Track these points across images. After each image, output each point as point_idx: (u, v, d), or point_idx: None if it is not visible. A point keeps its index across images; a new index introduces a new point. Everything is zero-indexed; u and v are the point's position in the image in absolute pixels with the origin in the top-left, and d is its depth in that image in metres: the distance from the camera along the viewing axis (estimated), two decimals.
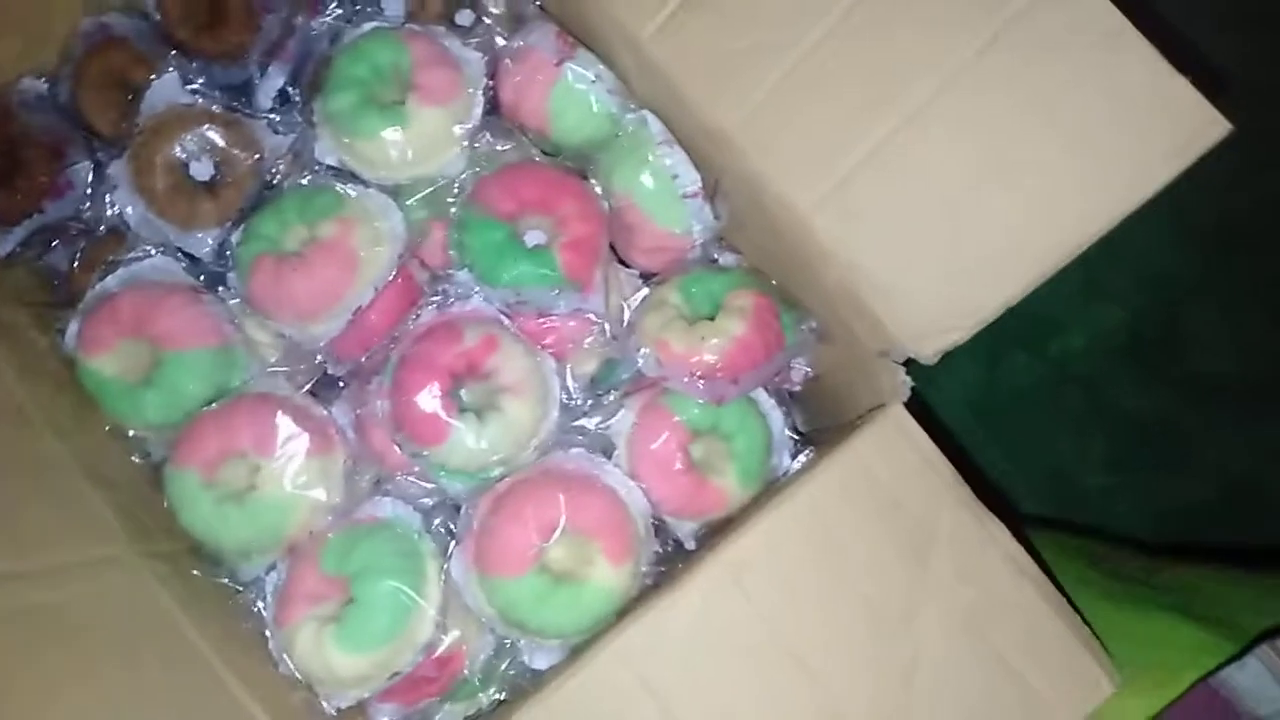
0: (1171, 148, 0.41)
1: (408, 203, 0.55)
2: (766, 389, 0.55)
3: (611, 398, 0.54)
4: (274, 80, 0.58)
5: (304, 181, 0.56)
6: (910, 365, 0.47)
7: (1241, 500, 1.00)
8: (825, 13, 0.46)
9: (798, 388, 0.58)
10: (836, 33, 0.46)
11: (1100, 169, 0.43)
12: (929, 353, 0.46)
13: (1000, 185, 0.44)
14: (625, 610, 0.48)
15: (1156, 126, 0.42)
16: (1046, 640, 0.44)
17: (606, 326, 0.54)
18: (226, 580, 0.51)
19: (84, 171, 0.57)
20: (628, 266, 0.58)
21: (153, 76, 0.54)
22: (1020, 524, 0.46)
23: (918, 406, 0.46)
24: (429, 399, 0.49)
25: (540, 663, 0.50)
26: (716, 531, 0.52)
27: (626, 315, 0.55)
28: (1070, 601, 0.45)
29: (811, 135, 0.47)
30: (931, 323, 0.46)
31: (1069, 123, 0.43)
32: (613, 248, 0.58)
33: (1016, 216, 0.44)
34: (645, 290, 0.56)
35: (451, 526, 0.51)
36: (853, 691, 0.44)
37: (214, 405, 0.52)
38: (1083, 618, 0.45)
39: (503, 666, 0.51)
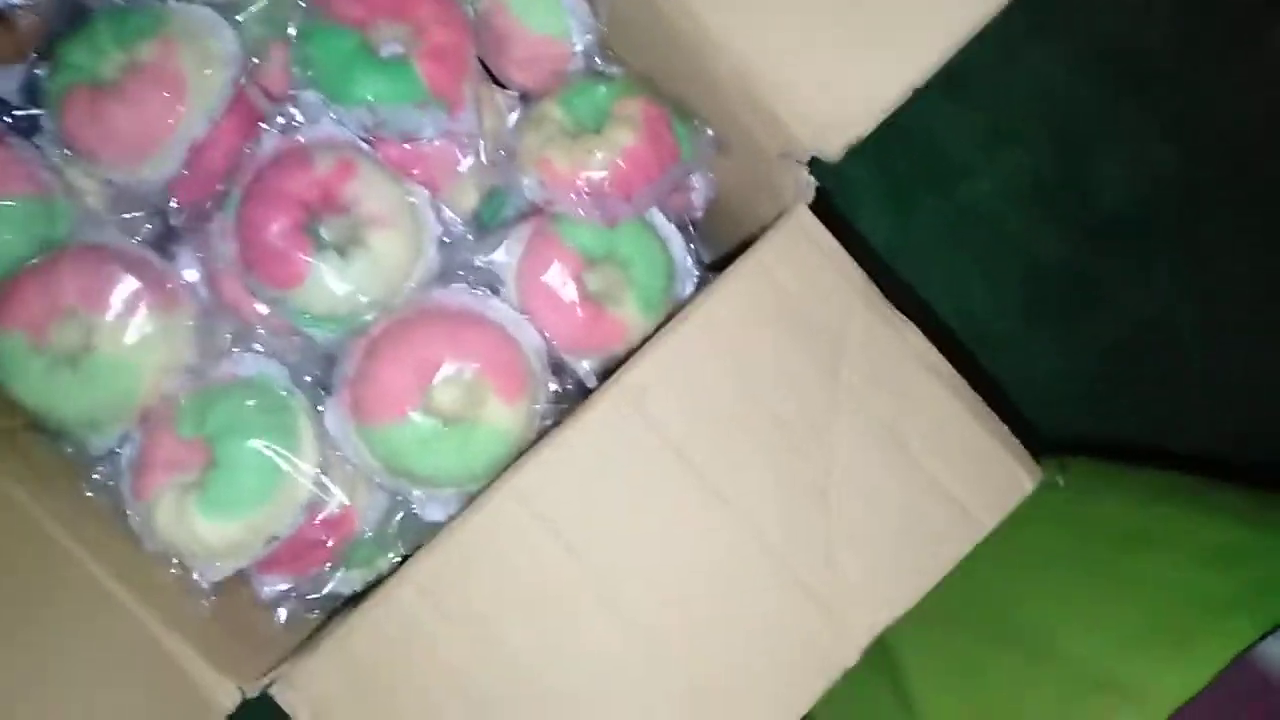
0: None
1: (240, 19, 0.48)
2: (667, 214, 0.51)
3: (496, 231, 0.49)
4: None
5: (117, 0, 0.48)
6: (822, 215, 0.43)
7: (1153, 339, 1.01)
8: None
9: (699, 213, 0.54)
10: None
11: None
12: (833, 148, 0.42)
13: None
14: (522, 453, 0.45)
15: None
16: (963, 442, 0.42)
17: (482, 150, 0.48)
18: (71, 453, 0.45)
19: None
20: (502, 86, 0.52)
21: None
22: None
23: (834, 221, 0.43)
24: (281, 235, 0.43)
25: (435, 514, 0.46)
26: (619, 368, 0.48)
27: (506, 139, 0.50)
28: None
29: None
30: (833, 116, 0.42)
31: None
32: (484, 66, 0.52)
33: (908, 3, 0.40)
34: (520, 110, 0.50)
35: (323, 380, 0.46)
36: (766, 512, 0.41)
37: (35, 261, 0.45)
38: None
39: (396, 522, 0.47)
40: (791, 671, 0.40)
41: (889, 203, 1.02)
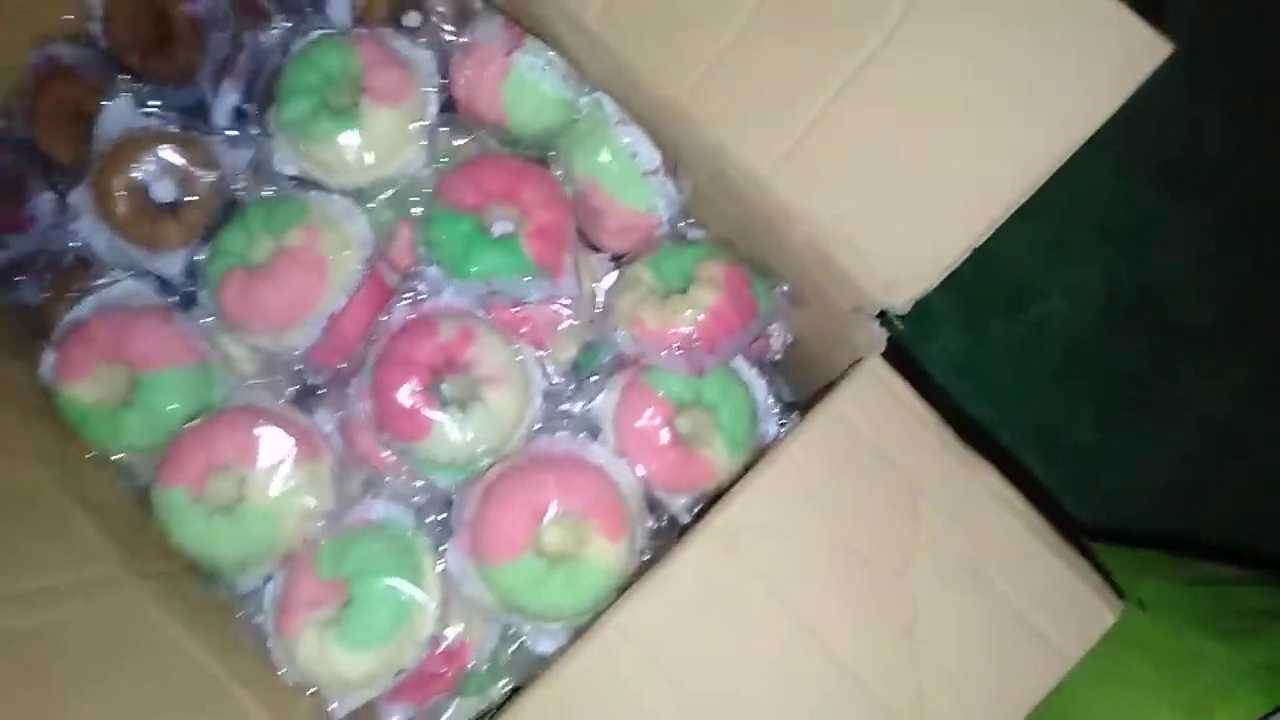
0: (1115, 72, 0.42)
1: (371, 205, 0.55)
2: (747, 359, 0.55)
3: (594, 380, 0.54)
4: (228, 97, 0.58)
5: (266, 194, 0.56)
6: (895, 340, 0.47)
7: (1227, 445, 1.01)
8: None
9: (779, 356, 0.58)
10: None
11: (1047, 102, 0.43)
12: (900, 302, 0.46)
13: (951, 131, 0.44)
14: (624, 588, 0.48)
15: (1097, 53, 0.42)
16: (1043, 577, 0.44)
17: (581, 311, 0.54)
18: (224, 595, 0.51)
19: (46, 204, 0.57)
20: (598, 251, 0.58)
21: (105, 103, 0.54)
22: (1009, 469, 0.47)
23: (907, 366, 0.46)
24: (409, 395, 0.49)
25: (545, 647, 0.50)
26: (710, 504, 0.52)
27: (600, 298, 0.55)
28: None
29: (762, 99, 0.47)
30: (899, 272, 0.46)
31: (1010, 60, 0.43)
32: (582, 234, 0.58)
33: (970, 159, 0.45)
34: (616, 272, 0.56)
35: (444, 521, 0.51)
36: (857, 646, 0.44)
37: (195, 422, 0.51)
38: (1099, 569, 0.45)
39: (509, 654, 0.51)
40: None
41: (963, 324, 1.05)
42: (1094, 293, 1.06)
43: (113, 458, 0.52)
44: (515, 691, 0.52)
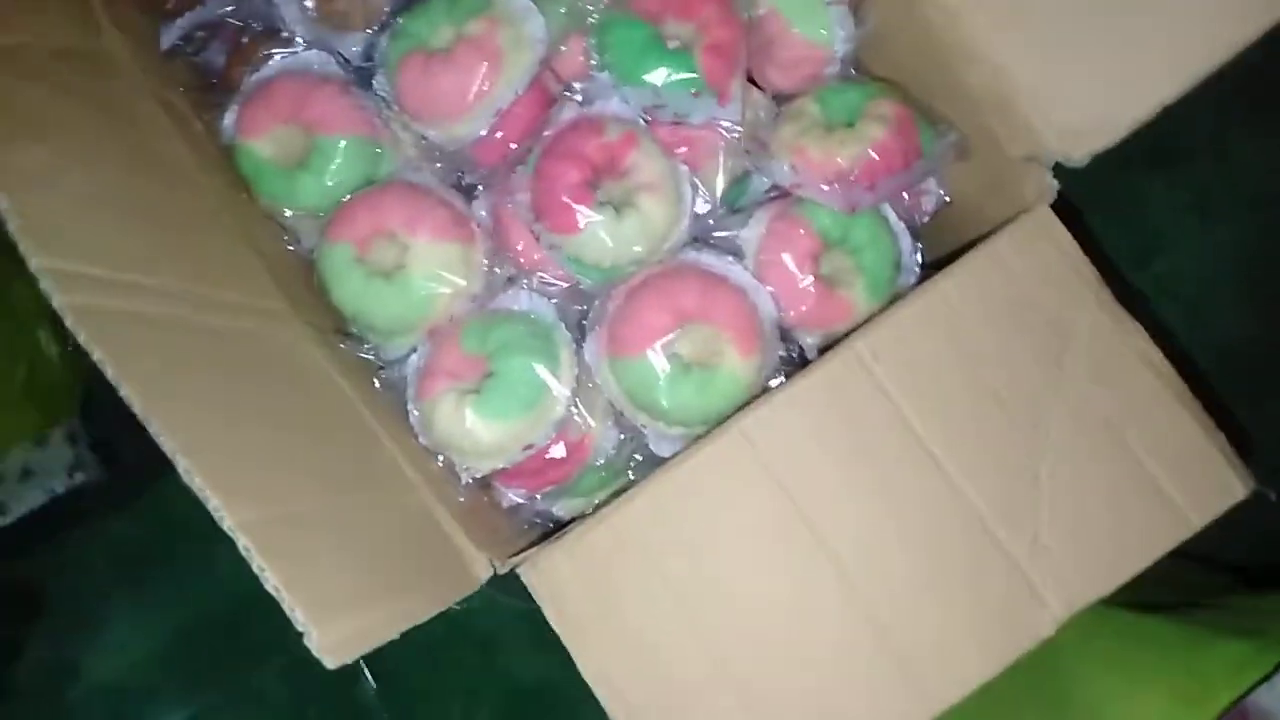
0: None
1: (552, 6, 0.56)
2: (898, 213, 0.55)
3: (742, 211, 0.55)
4: None
5: None
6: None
7: None
8: None
9: (928, 217, 0.58)
10: None
11: None
12: (1080, 153, 0.45)
13: None
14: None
15: None
16: (1179, 442, 0.44)
17: (740, 138, 0.54)
18: (372, 357, 0.54)
19: None
20: (762, 89, 0.58)
21: None
22: None
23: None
24: (569, 187, 0.50)
25: (664, 451, 0.52)
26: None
27: (760, 132, 0.55)
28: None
29: None
30: (1082, 122, 0.45)
31: None
32: (749, 75, 0.58)
33: (1172, 15, 0.43)
34: (778, 112, 0.56)
35: (584, 318, 0.53)
36: (980, 484, 0.44)
37: (365, 189, 0.54)
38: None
39: (628, 454, 0.53)
40: (989, 632, 0.43)
41: None
42: (1223, 258, 1.01)
43: (286, 213, 0.55)
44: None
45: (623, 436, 0.55)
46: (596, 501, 0.57)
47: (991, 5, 0.46)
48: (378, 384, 0.53)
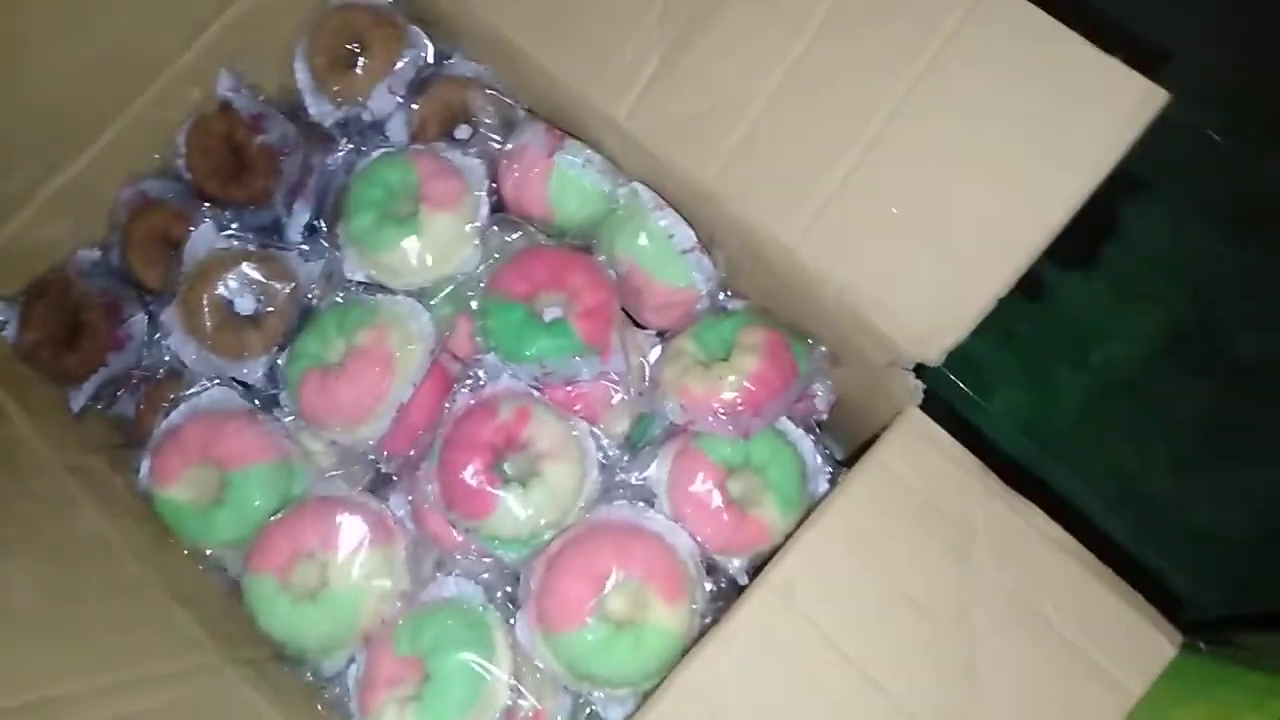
0: (1117, 121, 0.44)
1: (433, 303, 0.59)
2: (794, 420, 0.57)
3: (647, 450, 0.57)
4: (300, 215, 0.64)
5: (338, 300, 0.60)
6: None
7: None
8: (773, 68, 0.50)
9: (825, 415, 0.60)
10: (788, 82, 0.50)
11: (1058, 152, 0.45)
12: (934, 354, 0.48)
13: (967, 187, 0.47)
14: (688, 650, 0.50)
15: (1100, 105, 0.44)
16: (1099, 612, 0.44)
17: (630, 385, 0.57)
18: (310, 678, 0.53)
19: (140, 323, 0.63)
20: (644, 328, 0.62)
21: (190, 229, 0.60)
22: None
23: (964, 430, 0.48)
24: (473, 475, 0.52)
25: (615, 714, 0.51)
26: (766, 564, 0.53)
27: (648, 372, 0.58)
28: None
29: (784, 175, 0.50)
30: (930, 325, 0.48)
31: (1019, 118, 0.46)
32: (628, 314, 0.61)
33: (988, 212, 0.47)
34: (660, 346, 0.59)
35: (513, 595, 0.53)
36: (918, 693, 0.44)
37: (279, 514, 0.55)
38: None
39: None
40: None
41: (1024, 378, 1.05)
42: (1158, 335, 1.05)
43: (206, 552, 0.56)
44: None
45: (579, 700, 0.54)
46: None
47: (822, 239, 0.49)
48: (320, 708, 0.52)
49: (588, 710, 0.53)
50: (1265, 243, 1.05)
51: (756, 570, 0.54)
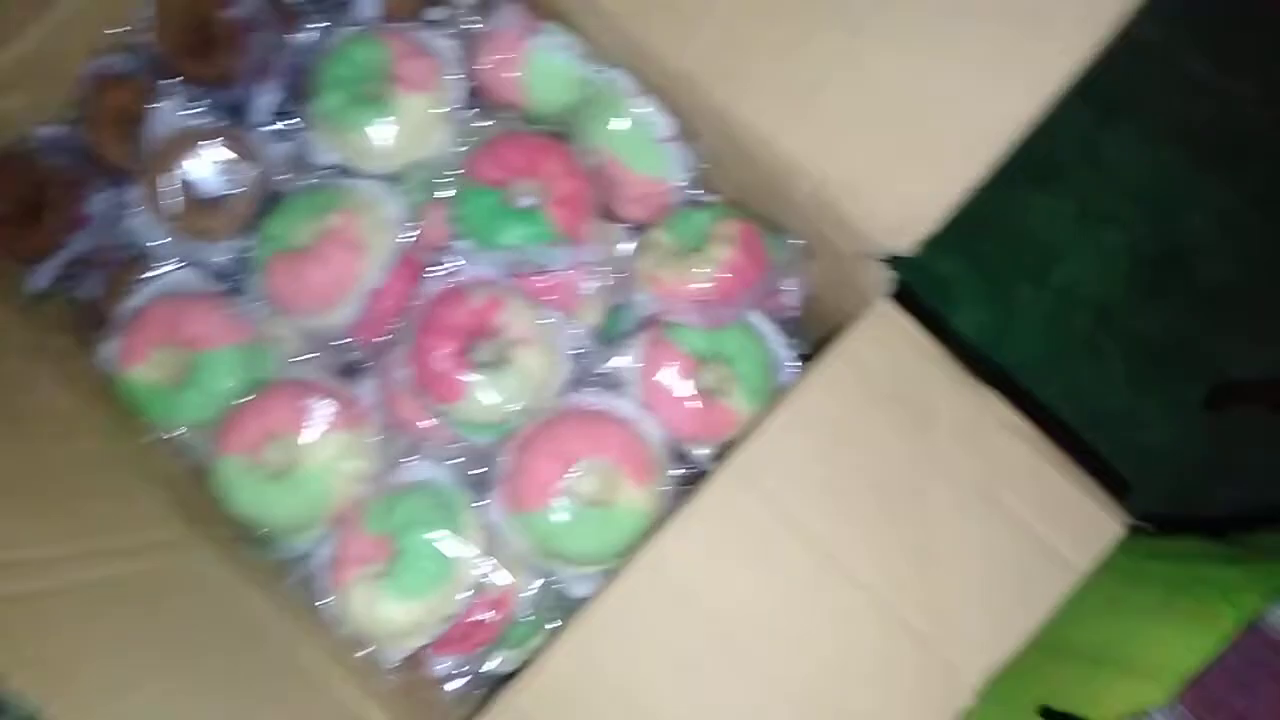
0: (1092, 17, 0.44)
1: (405, 188, 0.58)
2: (765, 315, 0.58)
3: (620, 341, 0.57)
4: (269, 95, 0.62)
5: (308, 183, 0.59)
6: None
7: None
8: None
9: (797, 311, 0.61)
10: None
11: (1029, 49, 0.45)
12: (905, 245, 0.48)
13: (945, 77, 0.47)
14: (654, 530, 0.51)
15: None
16: (1052, 494, 0.46)
17: (602, 274, 0.57)
18: (280, 557, 0.54)
19: (103, 202, 0.61)
20: (620, 220, 0.61)
21: (154, 105, 0.58)
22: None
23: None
24: (445, 359, 0.52)
25: (581, 591, 0.52)
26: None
27: (624, 262, 0.58)
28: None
29: (763, 62, 0.50)
30: (902, 216, 0.48)
31: (993, 13, 0.46)
32: (604, 206, 0.61)
33: (962, 105, 0.47)
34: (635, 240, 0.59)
35: (483, 478, 0.54)
36: (876, 570, 0.46)
37: (249, 396, 0.55)
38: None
39: (549, 601, 0.54)
40: (911, 713, 0.44)
41: (986, 295, 1.06)
42: (1120, 257, 1.07)
43: (173, 434, 0.56)
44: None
45: (543, 581, 0.55)
46: (532, 648, 0.57)
47: (800, 129, 0.49)
48: (290, 584, 0.53)
49: (555, 588, 0.54)
50: (1231, 168, 1.06)
51: (723, 459, 0.55)
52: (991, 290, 1.06)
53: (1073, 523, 0.45)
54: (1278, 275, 1.04)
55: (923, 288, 1.03)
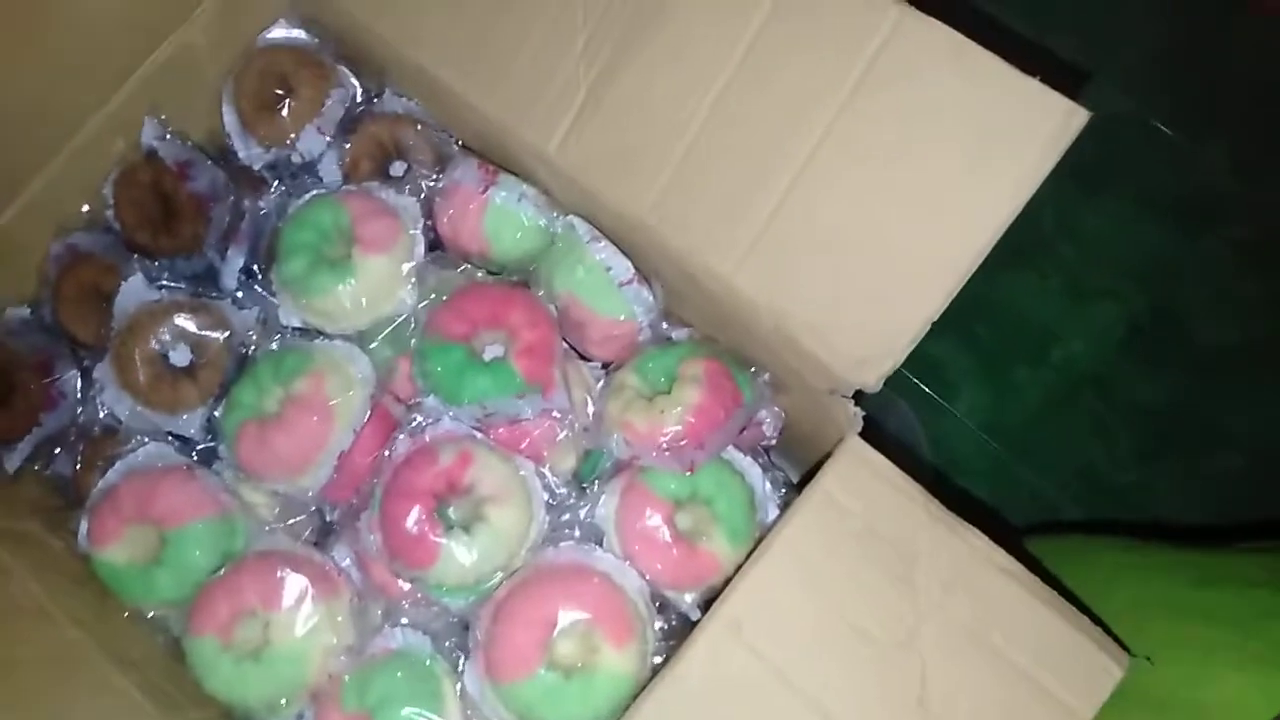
0: (1041, 141, 0.44)
1: (371, 346, 0.58)
2: (742, 448, 0.57)
3: (595, 488, 0.56)
4: (234, 261, 0.63)
5: (274, 347, 0.59)
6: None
7: (1271, 464, 0.99)
8: (700, 98, 0.49)
9: (774, 441, 0.60)
10: (715, 112, 0.49)
11: (982, 175, 0.45)
12: (870, 381, 0.48)
13: (895, 211, 0.47)
14: (640, 691, 0.49)
15: (1022, 126, 0.44)
16: (1046, 636, 0.44)
17: (574, 421, 0.56)
18: None
19: (73, 380, 0.61)
20: (589, 361, 0.61)
21: (121, 281, 0.59)
22: (1014, 534, 0.47)
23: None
24: (415, 523, 0.51)
25: None
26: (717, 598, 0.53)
27: (591, 407, 0.58)
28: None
29: (716, 204, 0.50)
30: (866, 352, 0.48)
31: (942, 141, 0.46)
32: (572, 347, 0.60)
33: (917, 237, 0.47)
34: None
35: (461, 644, 0.53)
36: None
37: (221, 572, 0.54)
38: (1092, 617, 0.45)
39: None
40: None
41: (985, 379, 1.05)
42: (1115, 330, 1.06)
43: (149, 614, 0.54)
44: None
45: None
46: None
47: (757, 267, 0.49)
48: None
49: None
50: (1214, 230, 1.06)
51: (709, 604, 0.53)
52: (991, 374, 1.05)
53: (1071, 665, 0.43)
54: (1271, 333, 1.03)
55: (917, 372, 1.02)
